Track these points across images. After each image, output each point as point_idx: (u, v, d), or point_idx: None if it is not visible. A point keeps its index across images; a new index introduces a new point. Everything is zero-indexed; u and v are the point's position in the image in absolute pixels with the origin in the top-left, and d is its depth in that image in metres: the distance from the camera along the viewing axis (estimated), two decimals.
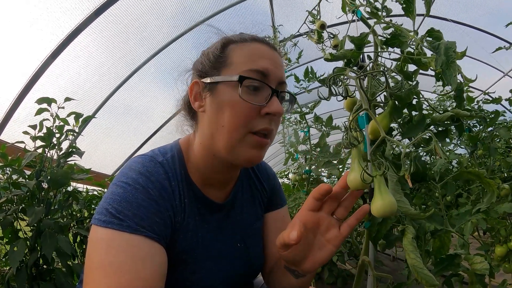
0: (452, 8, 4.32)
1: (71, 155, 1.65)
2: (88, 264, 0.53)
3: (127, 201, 0.56)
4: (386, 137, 0.51)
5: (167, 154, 0.68)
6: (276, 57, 0.67)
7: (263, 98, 0.62)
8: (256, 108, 0.61)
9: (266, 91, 0.62)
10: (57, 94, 2.89)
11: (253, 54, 0.64)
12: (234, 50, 0.65)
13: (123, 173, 0.61)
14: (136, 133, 4.53)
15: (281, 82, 0.65)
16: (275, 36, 2.36)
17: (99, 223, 0.54)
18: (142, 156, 0.66)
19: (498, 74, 5.46)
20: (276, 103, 0.62)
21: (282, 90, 0.66)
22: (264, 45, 0.67)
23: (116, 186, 0.59)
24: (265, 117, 0.62)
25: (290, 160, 2.18)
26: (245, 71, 0.61)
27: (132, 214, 0.55)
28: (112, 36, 3.15)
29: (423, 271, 0.63)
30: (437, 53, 0.58)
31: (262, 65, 0.62)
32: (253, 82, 0.61)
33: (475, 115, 1.39)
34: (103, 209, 0.56)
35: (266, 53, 0.65)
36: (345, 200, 0.59)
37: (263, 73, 0.62)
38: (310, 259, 0.59)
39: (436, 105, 2.39)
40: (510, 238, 1.39)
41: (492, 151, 1.67)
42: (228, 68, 0.64)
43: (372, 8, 0.73)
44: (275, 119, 0.64)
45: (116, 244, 0.52)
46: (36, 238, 1.44)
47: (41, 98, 1.55)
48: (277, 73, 0.64)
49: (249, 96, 0.61)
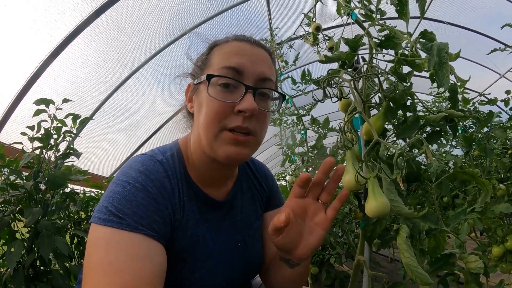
0: (448, 11, 4.36)
1: (68, 156, 1.65)
2: (87, 263, 0.53)
3: (127, 200, 0.56)
4: (379, 140, 0.52)
5: (167, 153, 0.69)
6: (257, 52, 0.66)
7: (238, 96, 0.62)
8: (227, 106, 0.61)
9: (242, 88, 0.62)
10: (55, 95, 2.89)
11: (230, 52, 0.65)
12: (215, 51, 0.67)
13: (123, 171, 0.62)
14: (134, 135, 4.51)
15: (262, 79, 0.65)
16: (272, 39, 2.38)
17: (99, 221, 0.54)
18: (142, 155, 0.66)
19: (495, 76, 5.49)
20: (248, 101, 0.61)
21: (262, 86, 0.65)
22: (245, 42, 0.67)
23: (115, 185, 0.59)
24: (238, 114, 0.62)
25: (287, 162, 2.19)
26: (218, 69, 0.63)
27: (132, 212, 0.55)
28: (110, 38, 3.15)
29: (417, 269, 0.64)
30: (430, 54, 0.59)
31: (236, 61, 0.62)
32: (223, 79, 0.61)
33: (469, 115, 1.40)
34: (103, 207, 0.56)
35: (244, 50, 0.65)
36: (328, 185, 0.61)
37: (236, 70, 0.62)
38: (303, 245, 0.60)
39: (432, 107, 2.40)
40: (507, 239, 1.40)
41: (488, 152, 1.69)
42: (208, 68, 0.66)
43: (367, 10, 0.74)
44: (252, 117, 0.63)
45: (116, 243, 0.52)
46: (33, 239, 1.44)
47: (39, 99, 1.55)
48: (254, 69, 0.63)
49: (222, 94, 0.61)
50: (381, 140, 0.51)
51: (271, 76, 0.67)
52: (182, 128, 0.78)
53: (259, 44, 0.68)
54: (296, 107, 1.97)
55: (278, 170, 6.60)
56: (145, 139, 4.60)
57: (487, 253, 1.50)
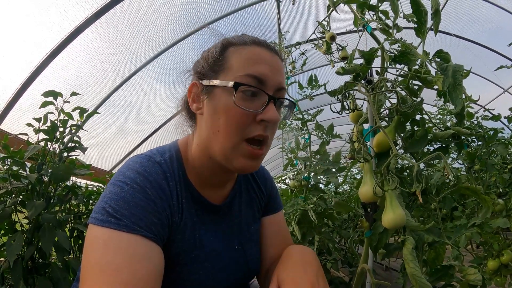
0: (456, 23, 4.39)
1: (73, 149, 1.65)
2: (85, 263, 0.53)
3: (125, 201, 0.55)
4: (397, 153, 0.53)
5: (165, 154, 0.68)
6: (276, 61, 0.65)
7: (260, 105, 0.61)
8: (251, 115, 0.61)
9: (263, 97, 0.61)
10: (61, 86, 2.91)
11: (250, 58, 0.63)
12: (232, 53, 0.64)
13: (121, 172, 0.61)
14: (137, 131, 4.52)
15: (280, 88, 0.64)
16: (281, 42, 2.39)
17: (96, 222, 0.54)
18: (140, 156, 0.65)
19: (498, 90, 5.53)
20: (272, 111, 0.61)
21: (280, 96, 0.65)
22: (264, 48, 0.65)
23: (113, 185, 0.58)
24: (260, 123, 0.62)
25: (290, 165, 2.19)
26: (241, 76, 0.61)
27: (130, 213, 0.54)
28: (118, 33, 3.17)
29: (421, 279, 0.65)
30: (445, 75, 0.60)
31: (260, 70, 0.61)
32: (249, 88, 0.60)
33: (475, 133, 1.42)
34: (100, 208, 0.55)
35: (265, 58, 0.64)
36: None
37: (260, 79, 0.61)
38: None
39: (436, 119, 2.42)
40: (502, 253, 1.42)
41: (489, 167, 1.71)
42: (226, 71, 0.63)
43: (383, 25, 0.75)
44: (271, 126, 0.63)
45: (113, 244, 0.52)
46: (34, 232, 1.44)
47: (48, 92, 1.56)
48: (275, 78, 0.63)
49: (244, 102, 0.60)
50: (399, 154, 0.52)
51: (285, 85, 0.67)
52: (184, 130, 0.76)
53: (275, 51, 0.67)
54: (301, 112, 1.98)
55: (278, 172, 6.59)
56: (147, 135, 4.61)
57: (483, 266, 1.52)
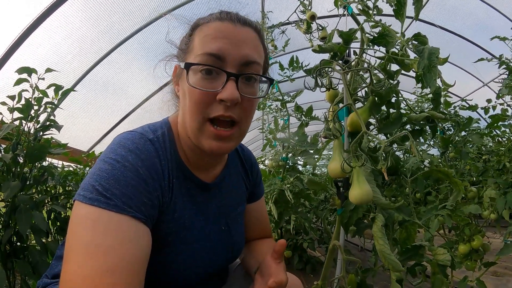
0: (440, 15, 4.43)
1: (48, 128, 1.60)
2: (70, 241, 0.50)
3: (115, 179, 0.53)
4: (367, 132, 0.54)
5: (157, 131, 0.65)
6: (242, 33, 0.60)
7: (220, 83, 0.58)
8: (211, 94, 0.58)
9: (224, 76, 0.58)
10: (37, 64, 2.77)
11: (209, 35, 0.59)
12: (197, 33, 0.62)
13: (111, 149, 0.58)
14: (115, 110, 4.36)
15: (246, 63, 0.60)
16: (263, 22, 2.36)
17: (84, 200, 0.51)
18: (131, 133, 0.62)
19: (478, 83, 5.68)
20: (229, 89, 0.57)
21: (249, 71, 0.60)
22: (227, 22, 0.60)
23: (104, 162, 0.55)
24: (221, 103, 0.58)
25: (268, 146, 2.21)
26: (199, 55, 0.58)
27: (120, 193, 0.52)
28: (97, 7, 3.04)
29: (390, 256, 0.67)
30: (421, 57, 0.61)
31: (216, 47, 0.58)
32: (204, 67, 0.57)
33: (449, 118, 1.46)
34: (89, 185, 0.53)
35: (226, 32, 0.59)
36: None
37: (218, 56, 0.57)
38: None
39: (414, 106, 2.47)
40: (473, 238, 1.47)
41: (463, 155, 1.77)
42: (190, 53, 0.61)
43: (364, 6, 0.75)
44: (234, 105, 0.59)
45: (103, 224, 0.50)
46: (11, 214, 1.39)
47: (22, 68, 1.49)
48: (238, 52, 0.59)
49: (202, 82, 0.58)
50: (368, 132, 0.53)
51: (257, 58, 0.61)
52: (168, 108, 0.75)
53: (244, 22, 0.62)
54: (281, 93, 1.97)
55: (258, 154, 6.65)
56: (126, 114, 4.47)
57: (454, 250, 1.58)
